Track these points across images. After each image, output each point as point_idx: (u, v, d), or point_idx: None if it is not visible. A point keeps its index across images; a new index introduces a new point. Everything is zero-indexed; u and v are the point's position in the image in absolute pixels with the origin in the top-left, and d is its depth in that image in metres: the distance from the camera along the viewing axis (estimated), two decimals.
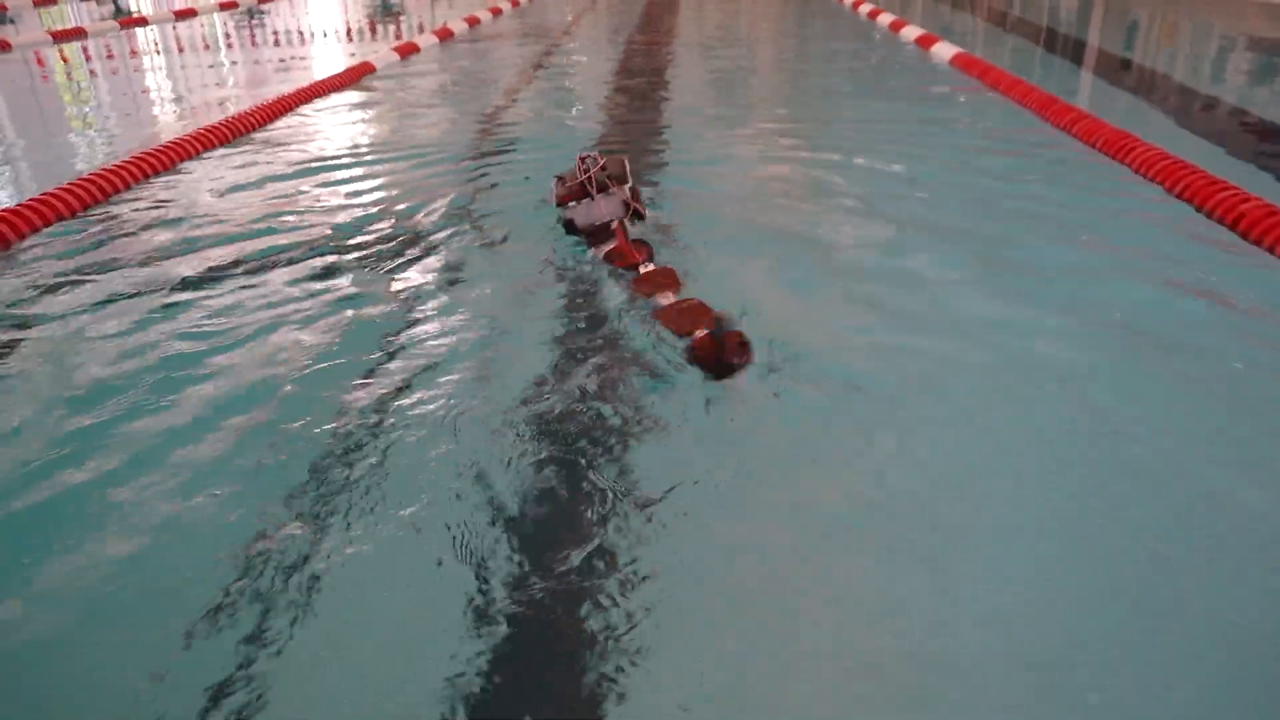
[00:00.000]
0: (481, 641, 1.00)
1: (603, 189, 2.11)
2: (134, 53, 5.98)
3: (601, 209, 2.09)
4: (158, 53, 6.00)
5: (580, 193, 2.12)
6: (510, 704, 0.93)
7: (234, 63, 5.60)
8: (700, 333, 1.59)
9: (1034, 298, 1.85)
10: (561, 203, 2.14)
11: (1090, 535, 1.17)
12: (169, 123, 3.80)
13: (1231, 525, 1.19)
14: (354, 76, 4.41)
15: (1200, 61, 5.16)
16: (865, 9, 6.72)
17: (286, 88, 4.04)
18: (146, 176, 2.75)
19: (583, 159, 2.17)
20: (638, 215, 2.14)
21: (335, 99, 4.00)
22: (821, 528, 1.20)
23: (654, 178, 2.71)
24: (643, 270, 1.88)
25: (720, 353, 1.53)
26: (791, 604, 1.07)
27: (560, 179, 2.21)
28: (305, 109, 3.75)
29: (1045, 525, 1.19)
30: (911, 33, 5.19)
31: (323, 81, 4.16)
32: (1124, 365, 1.61)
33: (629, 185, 2.15)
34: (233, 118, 3.34)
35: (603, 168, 2.13)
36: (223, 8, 8.76)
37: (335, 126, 3.51)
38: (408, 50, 5.14)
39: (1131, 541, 1.16)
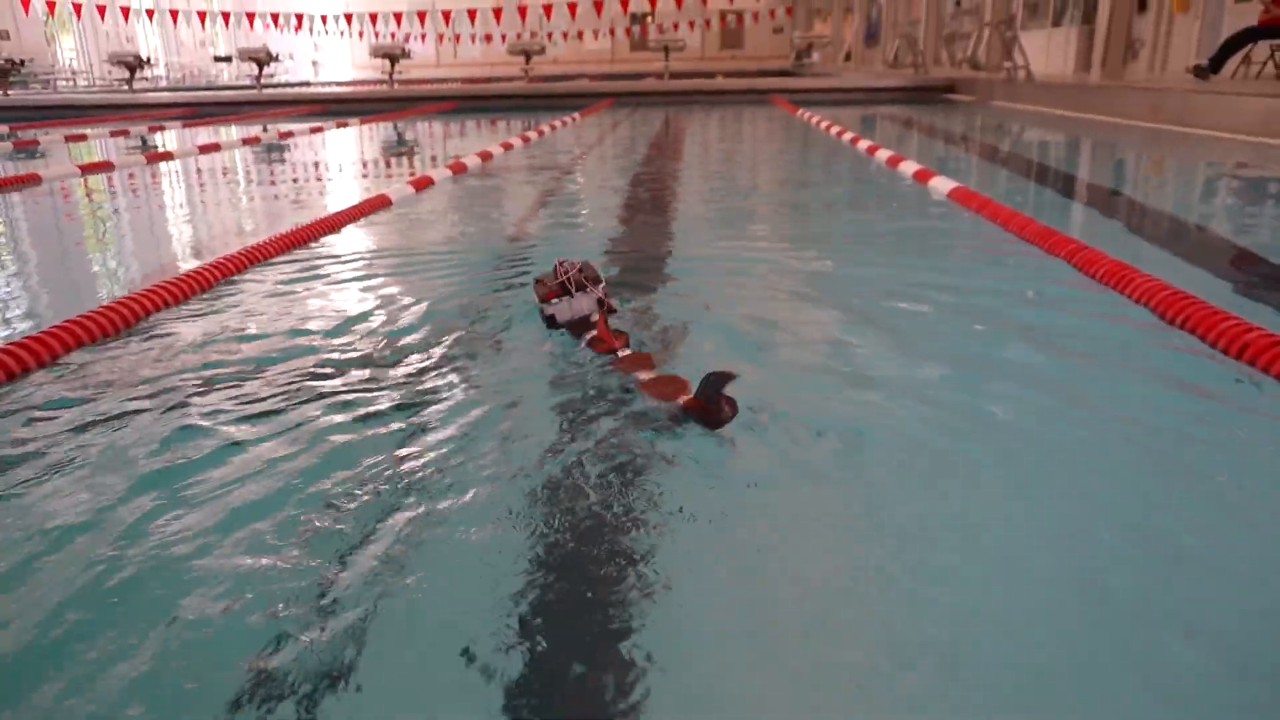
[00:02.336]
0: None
1: (581, 288, 2.40)
2: (158, 185, 6.20)
3: (581, 305, 2.38)
4: (181, 185, 6.23)
5: (560, 291, 2.40)
6: None
7: (255, 195, 5.81)
8: (685, 397, 1.81)
9: (1021, 399, 1.90)
10: (545, 300, 2.41)
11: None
12: (188, 253, 3.92)
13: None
14: (370, 208, 4.56)
15: (1190, 194, 5.33)
16: (864, 145, 7.00)
17: (305, 219, 4.18)
18: (166, 305, 2.81)
19: (561, 263, 2.46)
20: (610, 310, 2.43)
21: (352, 229, 4.12)
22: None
23: (650, 284, 2.93)
24: (620, 355, 2.14)
25: (708, 405, 1.75)
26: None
27: (540, 281, 2.51)
28: (324, 239, 3.86)
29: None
30: (909, 168, 5.38)
31: (340, 213, 4.30)
32: (1116, 446, 1.60)
33: (602, 284, 2.45)
34: (252, 247, 3.44)
35: (580, 270, 2.42)
36: (245, 143, 9.14)
37: (352, 255, 3.60)
38: (423, 183, 5.33)
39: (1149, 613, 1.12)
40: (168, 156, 7.93)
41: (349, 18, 27.60)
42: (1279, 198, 4.82)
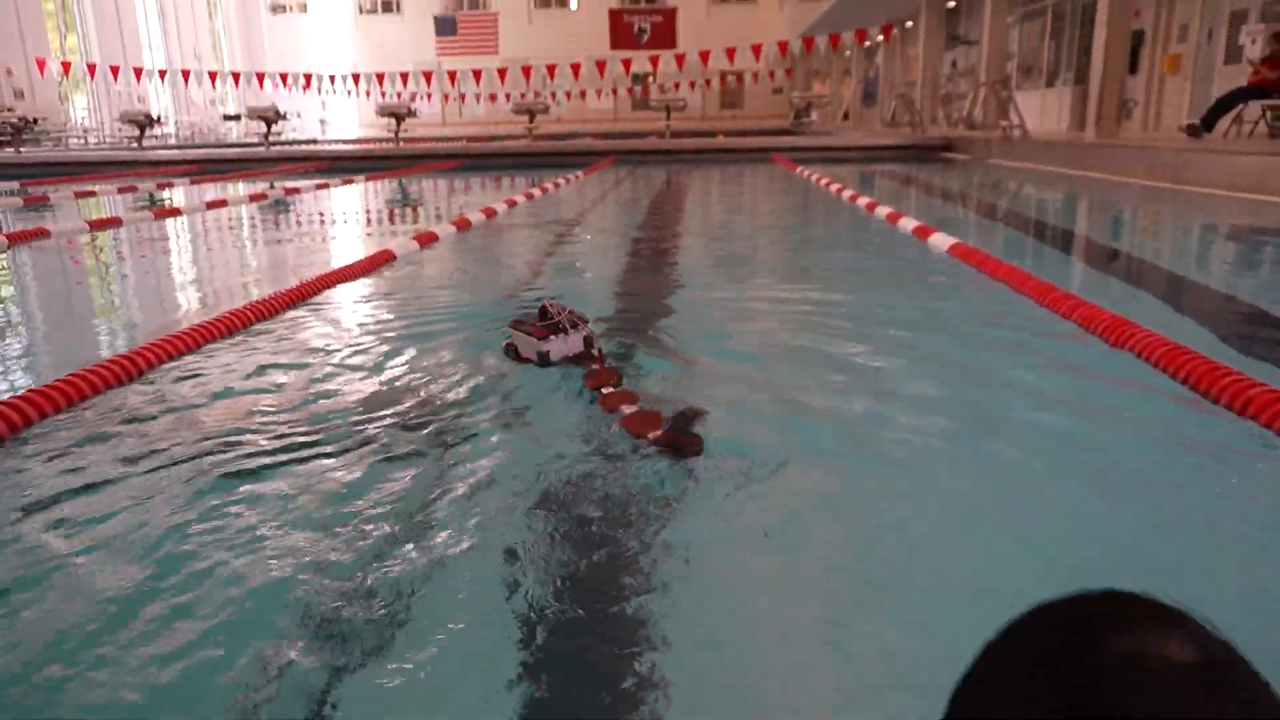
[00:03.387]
0: None
1: (573, 325, 2.58)
2: (165, 241, 6.27)
3: (573, 342, 2.57)
4: (188, 241, 6.29)
5: (553, 330, 2.57)
6: None
7: (261, 251, 5.87)
8: (655, 433, 1.99)
9: (1020, 447, 1.87)
10: (540, 338, 2.56)
11: None
12: (193, 308, 3.94)
13: None
14: (375, 264, 4.60)
15: (1187, 249, 5.38)
16: (863, 202, 7.09)
17: (310, 274, 4.22)
18: (170, 358, 2.82)
19: (549, 304, 2.62)
20: (596, 346, 2.62)
21: (358, 284, 4.15)
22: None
23: (647, 334, 2.96)
24: (605, 391, 2.31)
25: (676, 438, 1.95)
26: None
27: (520, 323, 2.66)
28: (329, 294, 3.89)
29: None
30: (909, 224, 5.44)
31: (346, 268, 4.34)
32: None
33: (588, 323, 2.63)
34: (257, 302, 3.47)
35: (570, 311, 2.60)
36: (252, 199, 9.26)
37: (358, 311, 3.63)
38: (427, 239, 5.39)
39: None
40: (175, 213, 8.03)
41: (356, 78, 28.17)
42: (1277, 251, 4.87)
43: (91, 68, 26.62)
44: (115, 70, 25.41)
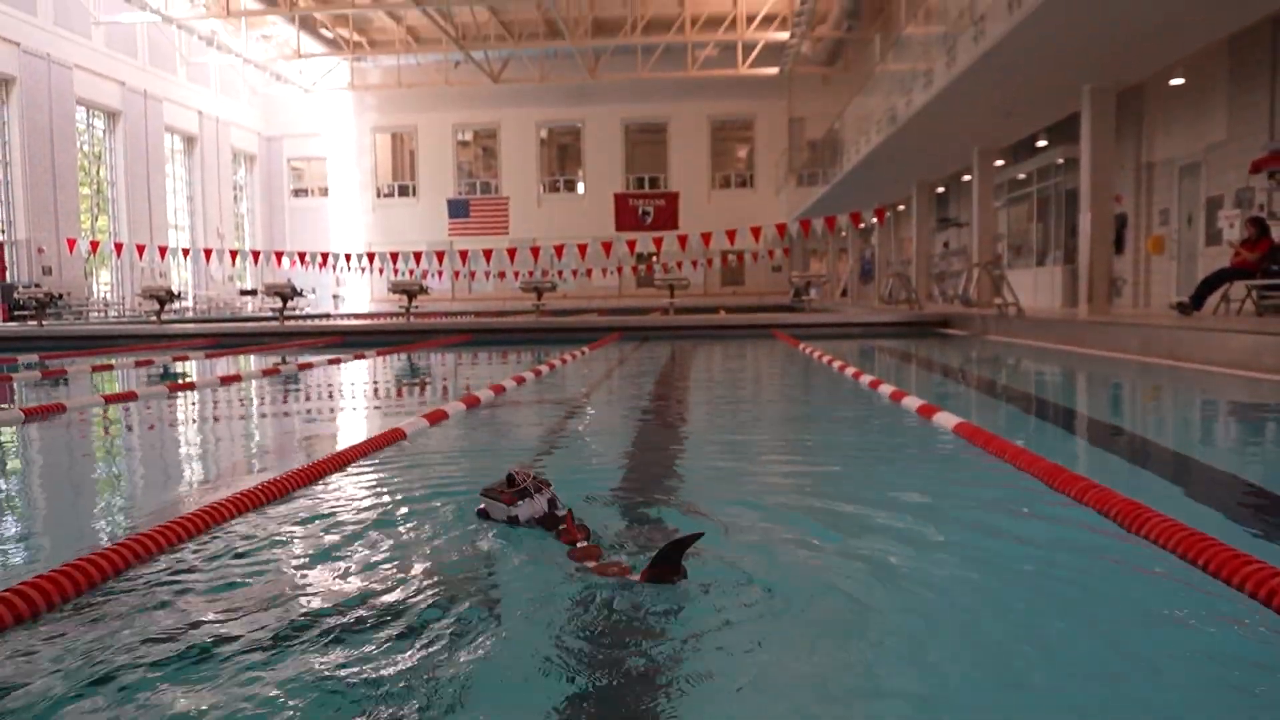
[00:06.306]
0: None
1: (538, 489, 2.81)
2: (178, 416, 6.35)
3: (538, 504, 2.80)
4: (200, 417, 6.37)
5: (521, 495, 2.80)
6: None
7: (272, 428, 5.93)
8: (635, 576, 2.22)
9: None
10: (509, 504, 2.79)
11: None
12: (204, 488, 3.95)
13: None
14: (386, 442, 4.64)
15: (1190, 427, 5.42)
16: (866, 380, 7.21)
17: (322, 453, 4.24)
18: (180, 540, 2.80)
19: (517, 471, 2.85)
20: (560, 508, 2.83)
21: (369, 463, 4.18)
22: None
23: (646, 510, 2.84)
24: (578, 546, 2.52)
25: (662, 566, 2.18)
26: None
27: (490, 489, 2.88)
28: (340, 474, 3.91)
29: None
30: (913, 403, 5.51)
31: (357, 446, 4.37)
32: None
33: (551, 487, 2.86)
34: (269, 483, 3.48)
35: (534, 477, 2.83)
36: (265, 374, 9.44)
37: (369, 491, 3.63)
38: (437, 417, 5.45)
39: None
40: (189, 387, 8.17)
41: (371, 256, 29.31)
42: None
43: (119, 247, 27.83)
44: (141, 248, 26.55)
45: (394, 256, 28.91)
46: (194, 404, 7.02)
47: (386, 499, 3.50)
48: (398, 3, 29.46)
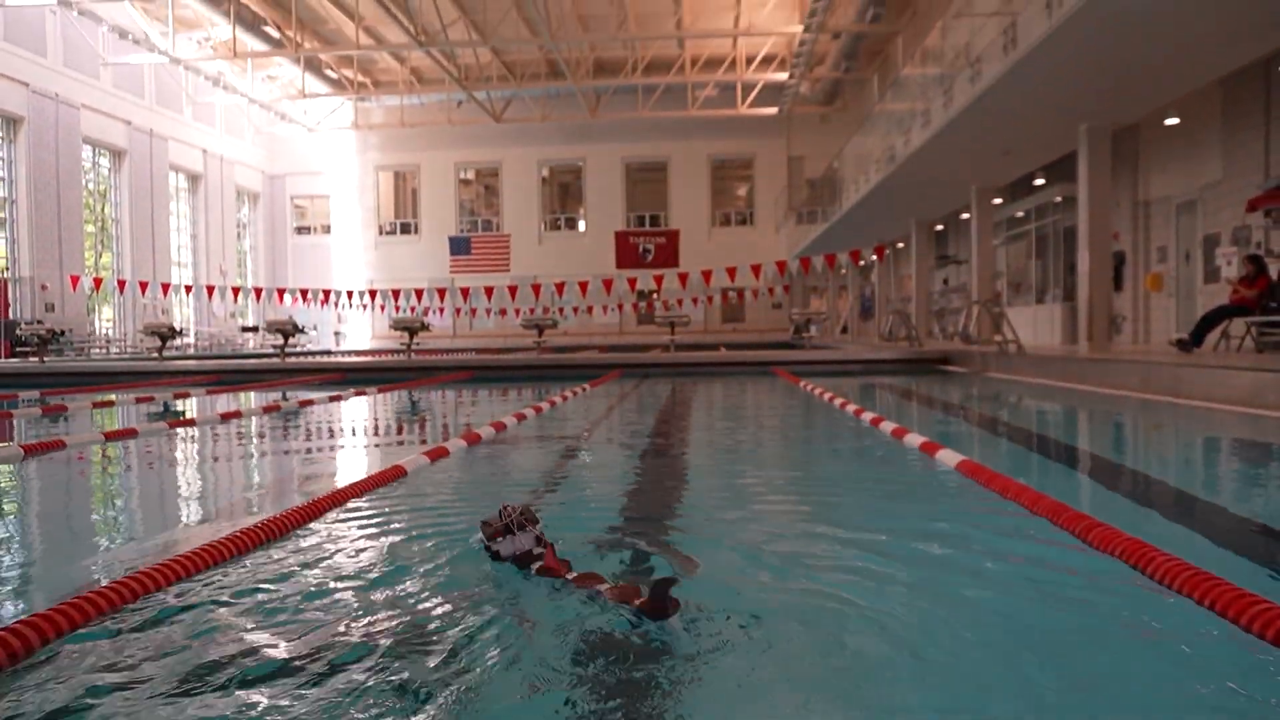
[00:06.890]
0: None
1: (521, 527, 2.85)
2: (177, 453, 6.34)
3: (521, 541, 2.82)
4: (200, 454, 6.36)
5: (504, 531, 2.85)
6: None
7: (271, 466, 5.91)
8: (639, 600, 2.27)
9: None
10: (492, 538, 2.85)
11: None
12: (203, 526, 3.93)
13: None
14: (386, 479, 4.63)
15: (1199, 466, 5.40)
16: (868, 417, 7.20)
17: (322, 491, 4.23)
18: (180, 578, 2.78)
19: (505, 507, 2.89)
20: (547, 544, 2.84)
21: (369, 501, 4.16)
22: None
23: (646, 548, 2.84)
24: (572, 575, 2.57)
25: (656, 602, 2.20)
26: None
27: (486, 523, 2.93)
28: (340, 512, 3.89)
29: None
30: (915, 440, 5.50)
31: (358, 484, 4.36)
32: None
33: (539, 524, 2.88)
34: (269, 520, 3.46)
35: (521, 513, 2.87)
36: (265, 410, 9.43)
37: (369, 529, 3.61)
38: (438, 454, 5.44)
39: None
40: (190, 423, 8.16)
41: (373, 294, 29.44)
42: None
43: (122, 284, 27.92)
44: (144, 286, 26.67)
45: (395, 294, 29.06)
46: (194, 441, 7.00)
47: (387, 537, 3.48)
48: (402, 44, 29.90)
